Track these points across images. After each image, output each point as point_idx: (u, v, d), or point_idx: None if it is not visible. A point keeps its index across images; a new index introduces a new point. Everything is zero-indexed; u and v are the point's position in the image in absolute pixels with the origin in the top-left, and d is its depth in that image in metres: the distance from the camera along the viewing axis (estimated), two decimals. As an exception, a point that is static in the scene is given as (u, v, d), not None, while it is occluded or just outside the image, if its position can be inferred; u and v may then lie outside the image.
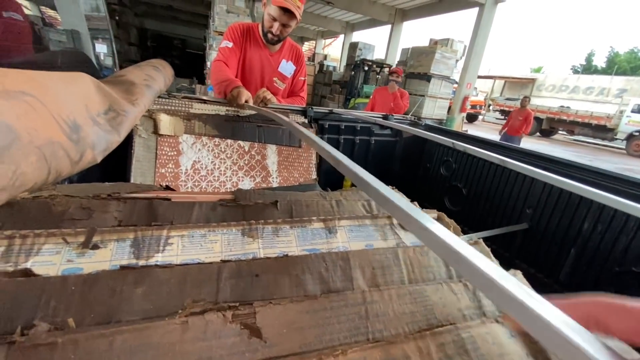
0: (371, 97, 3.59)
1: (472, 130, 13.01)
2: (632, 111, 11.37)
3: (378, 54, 12.50)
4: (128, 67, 0.89)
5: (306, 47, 22.25)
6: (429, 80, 9.03)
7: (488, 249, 0.74)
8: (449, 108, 10.01)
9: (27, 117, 0.35)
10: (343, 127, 1.92)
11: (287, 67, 1.94)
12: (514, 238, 1.42)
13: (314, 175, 1.19)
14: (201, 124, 1.08)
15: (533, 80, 20.10)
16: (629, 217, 1.08)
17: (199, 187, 1.05)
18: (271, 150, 1.15)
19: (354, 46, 12.35)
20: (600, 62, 34.09)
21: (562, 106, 13.94)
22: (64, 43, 3.92)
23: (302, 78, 2.00)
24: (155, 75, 0.92)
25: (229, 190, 1.11)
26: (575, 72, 30.02)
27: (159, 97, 1.03)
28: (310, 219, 0.65)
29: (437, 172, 1.91)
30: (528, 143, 11.88)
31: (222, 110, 1.16)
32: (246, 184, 1.10)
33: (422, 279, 0.61)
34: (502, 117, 16.32)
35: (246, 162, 1.11)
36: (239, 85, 1.49)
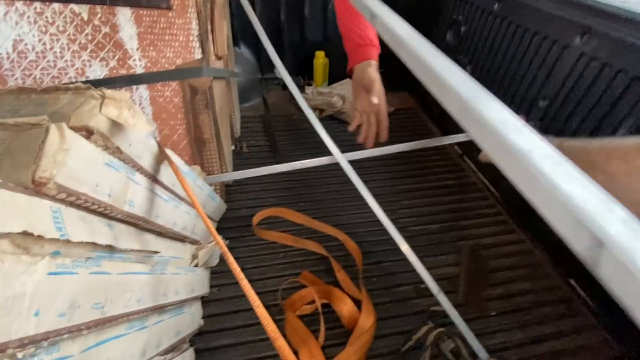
0: None
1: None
2: None
3: None
4: None
5: None
6: None
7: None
8: None
9: None
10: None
11: None
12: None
13: (198, 54, 0.84)
14: (6, -22, 0.74)
15: None
16: None
17: (32, 77, 0.81)
18: (124, 17, 0.79)
19: None
20: None
21: None
22: None
23: None
24: None
25: (72, 79, 0.85)
26: None
27: None
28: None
29: (443, 40, 1.32)
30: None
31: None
32: (97, 71, 0.82)
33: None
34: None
35: (89, 37, 0.79)
36: None
